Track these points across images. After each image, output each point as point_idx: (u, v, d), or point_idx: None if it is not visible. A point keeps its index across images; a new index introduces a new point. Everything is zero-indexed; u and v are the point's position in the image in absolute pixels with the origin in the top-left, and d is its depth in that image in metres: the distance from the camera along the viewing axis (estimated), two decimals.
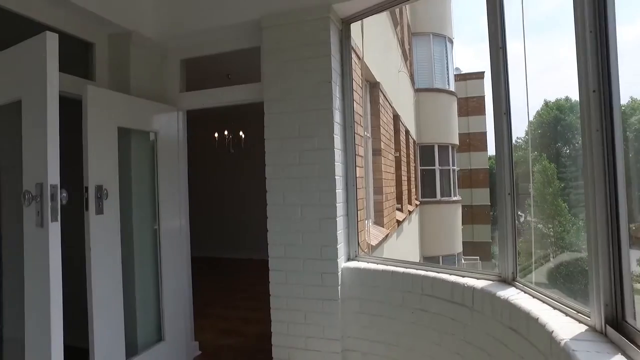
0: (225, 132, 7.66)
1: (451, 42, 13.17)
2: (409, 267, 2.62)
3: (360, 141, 3.50)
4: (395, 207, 6.82)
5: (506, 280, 2.11)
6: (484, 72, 21.75)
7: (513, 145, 2.15)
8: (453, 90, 13.32)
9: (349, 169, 2.98)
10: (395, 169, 6.98)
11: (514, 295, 1.87)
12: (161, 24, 3.21)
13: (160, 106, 3.18)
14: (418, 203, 11.21)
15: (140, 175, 3.02)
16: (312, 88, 2.78)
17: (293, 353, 2.81)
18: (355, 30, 3.34)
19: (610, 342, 1.35)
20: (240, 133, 7.49)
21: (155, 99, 3.19)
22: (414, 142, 11.23)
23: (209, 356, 3.46)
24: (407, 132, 9.16)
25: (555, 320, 1.53)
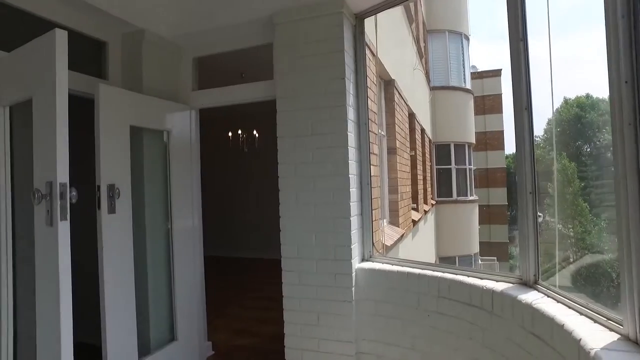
0: (239, 132, 7.67)
1: (467, 39, 12.95)
2: (425, 269, 2.55)
3: (375, 139, 3.43)
4: (411, 207, 6.71)
5: (527, 283, 2.02)
6: (500, 70, 21.43)
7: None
8: (469, 88, 13.11)
9: (364, 167, 2.92)
10: (410, 168, 6.87)
11: (536, 299, 1.78)
12: (173, 22, 3.19)
13: (172, 105, 3.16)
14: (434, 202, 11.05)
15: (152, 174, 3.01)
16: (325, 85, 2.73)
17: (306, 355, 2.76)
18: (369, 26, 3.28)
19: None
20: (254, 132, 7.48)
21: (168, 97, 3.17)
22: (430, 141, 11.08)
23: (222, 356, 3.44)
24: (423, 131, 9.04)
25: (583, 327, 1.44)
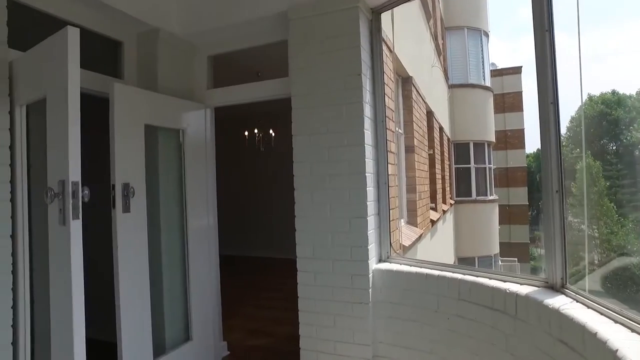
0: (256, 131, 7.66)
1: (487, 36, 12.68)
2: (444, 270, 2.46)
3: (392, 137, 3.35)
4: (429, 207, 6.59)
5: (554, 287, 1.91)
6: (521, 67, 20.92)
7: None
8: (489, 86, 12.82)
9: (381, 165, 2.84)
10: (429, 166, 6.75)
11: (565, 304, 1.68)
12: (188, 20, 3.18)
13: (187, 103, 3.15)
14: (452, 202, 10.86)
15: (167, 173, 3.00)
16: (341, 81, 2.66)
17: (322, 358, 2.70)
18: (385, 21, 3.20)
19: None
20: (271, 131, 7.46)
21: (183, 96, 3.16)
22: (448, 140, 10.88)
23: (238, 357, 3.41)
24: (441, 129, 8.88)
25: (618, 336, 1.34)
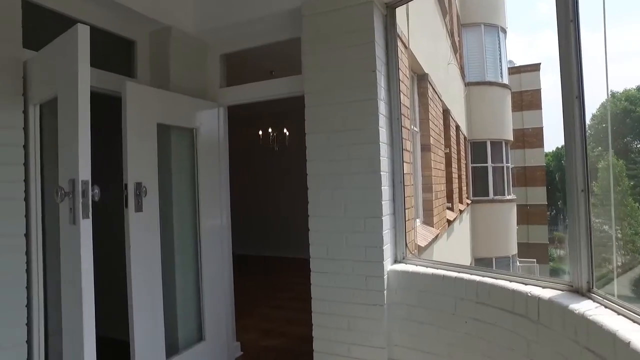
0: (270, 130, 7.65)
1: (504, 32, 12.41)
2: (462, 271, 2.38)
3: (408, 135, 3.27)
4: (446, 206, 6.47)
5: (579, 291, 1.82)
6: (539, 64, 20.48)
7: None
8: (506, 83, 12.55)
9: (396, 164, 2.77)
10: (445, 165, 6.63)
11: (591, 309, 1.59)
12: (200, 18, 3.16)
13: (200, 102, 3.13)
14: (469, 202, 10.67)
15: (180, 172, 2.98)
16: (355, 78, 2.60)
17: None
18: (400, 17, 3.12)
19: None
20: (285, 130, 7.44)
21: (195, 95, 3.14)
22: (465, 138, 10.69)
23: (251, 357, 3.38)
24: (458, 128, 8.72)
25: None
